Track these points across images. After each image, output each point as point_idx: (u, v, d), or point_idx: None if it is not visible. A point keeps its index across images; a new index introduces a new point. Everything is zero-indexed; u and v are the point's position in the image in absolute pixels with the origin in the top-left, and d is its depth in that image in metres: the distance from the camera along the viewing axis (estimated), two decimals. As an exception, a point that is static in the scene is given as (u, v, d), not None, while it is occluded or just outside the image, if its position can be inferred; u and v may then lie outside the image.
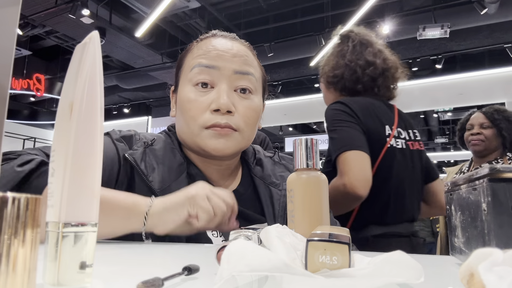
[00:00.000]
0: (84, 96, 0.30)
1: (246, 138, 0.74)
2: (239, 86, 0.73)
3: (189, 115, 0.72)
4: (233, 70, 0.72)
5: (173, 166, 0.72)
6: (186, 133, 0.74)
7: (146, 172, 0.69)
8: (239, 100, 0.73)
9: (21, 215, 0.22)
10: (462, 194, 0.42)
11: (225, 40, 0.76)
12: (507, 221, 0.33)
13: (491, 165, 0.34)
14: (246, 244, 0.27)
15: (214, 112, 0.70)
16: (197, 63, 0.73)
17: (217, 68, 0.72)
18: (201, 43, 0.77)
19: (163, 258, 0.51)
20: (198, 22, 6.61)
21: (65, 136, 0.29)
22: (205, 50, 0.74)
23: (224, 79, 0.72)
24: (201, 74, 0.72)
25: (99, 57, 0.31)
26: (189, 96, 0.72)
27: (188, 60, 0.77)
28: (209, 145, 0.70)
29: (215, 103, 0.70)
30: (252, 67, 0.76)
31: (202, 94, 0.72)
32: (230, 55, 0.73)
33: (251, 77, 0.74)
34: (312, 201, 0.46)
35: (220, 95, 0.70)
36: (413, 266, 0.27)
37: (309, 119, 10.52)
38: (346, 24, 5.21)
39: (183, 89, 0.74)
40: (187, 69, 0.75)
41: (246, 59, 0.75)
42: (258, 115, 0.77)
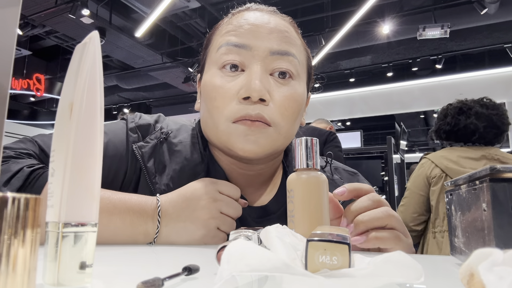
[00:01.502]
0: (84, 96, 0.30)
1: (283, 135, 0.59)
2: (276, 68, 0.59)
3: (214, 105, 0.58)
4: (268, 49, 0.58)
5: (187, 166, 0.61)
6: (210, 127, 0.61)
7: (153, 171, 0.60)
8: (275, 86, 0.59)
9: (21, 215, 0.22)
10: (462, 194, 0.42)
11: (261, 13, 0.62)
12: (507, 221, 0.33)
13: (491, 165, 0.34)
14: (246, 244, 0.27)
15: (243, 101, 0.56)
16: (224, 41, 0.60)
17: (249, 47, 0.58)
18: (232, 18, 0.64)
19: (163, 258, 0.51)
20: (198, 22, 6.61)
21: (65, 136, 0.29)
22: (236, 25, 0.61)
23: (257, 61, 0.58)
24: (229, 54, 0.59)
25: (99, 57, 0.31)
26: (214, 81, 0.59)
27: (215, 38, 0.64)
28: (237, 144, 0.57)
29: (244, 89, 0.56)
30: (293, 46, 0.61)
31: (230, 79, 0.58)
32: (266, 31, 0.59)
33: (292, 58, 0.60)
34: (312, 201, 0.46)
35: (252, 79, 0.56)
36: (413, 266, 0.27)
37: (310, 119, 10.53)
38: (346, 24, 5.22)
39: (208, 73, 0.61)
40: (214, 49, 0.62)
41: (286, 35, 0.61)
42: (300, 106, 0.61)
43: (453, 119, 1.73)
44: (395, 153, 3.63)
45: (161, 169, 0.61)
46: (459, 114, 1.73)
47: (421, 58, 6.60)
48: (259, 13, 0.63)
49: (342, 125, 11.67)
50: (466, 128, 1.69)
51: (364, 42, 6.10)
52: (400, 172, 3.70)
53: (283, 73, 0.59)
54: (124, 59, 7.24)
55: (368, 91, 7.76)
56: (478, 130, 1.67)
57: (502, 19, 5.36)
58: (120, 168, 0.62)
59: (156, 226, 0.55)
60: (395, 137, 3.88)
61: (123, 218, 0.54)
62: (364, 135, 5.53)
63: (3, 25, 0.30)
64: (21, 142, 0.61)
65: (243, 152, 0.57)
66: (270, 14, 0.63)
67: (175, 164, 0.61)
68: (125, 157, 0.62)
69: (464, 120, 1.69)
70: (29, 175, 0.53)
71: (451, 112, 1.76)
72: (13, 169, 0.53)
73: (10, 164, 0.54)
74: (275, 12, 0.66)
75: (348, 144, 5.12)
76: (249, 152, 0.57)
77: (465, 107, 1.73)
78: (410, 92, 7.59)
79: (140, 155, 0.61)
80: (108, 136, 0.63)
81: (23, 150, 0.59)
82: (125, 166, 0.62)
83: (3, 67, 0.30)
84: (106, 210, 0.53)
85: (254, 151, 0.57)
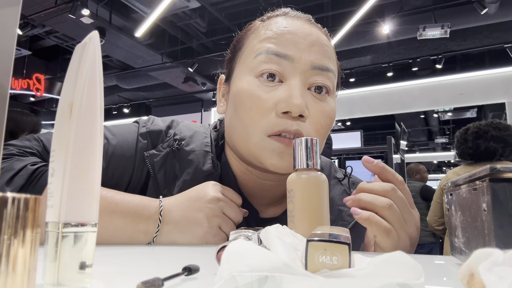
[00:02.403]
0: (84, 96, 0.30)
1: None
2: (314, 83, 0.58)
3: (249, 115, 0.56)
4: (310, 63, 0.57)
5: (198, 178, 0.60)
6: (241, 137, 0.58)
7: (163, 181, 0.60)
8: (312, 101, 0.58)
9: (21, 215, 0.22)
10: (462, 194, 0.42)
11: (301, 23, 0.61)
12: (507, 221, 0.32)
13: (491, 165, 0.34)
14: (246, 244, 0.27)
15: (282, 115, 0.55)
16: (265, 48, 0.57)
17: (291, 58, 0.56)
18: (268, 21, 0.62)
19: (163, 258, 0.51)
20: (198, 22, 6.60)
21: (65, 136, 0.29)
22: (276, 31, 0.58)
23: (297, 74, 0.56)
24: (268, 63, 0.56)
25: (99, 57, 0.31)
26: (251, 89, 0.56)
27: (251, 42, 0.61)
28: (270, 159, 0.55)
29: (285, 104, 0.54)
30: (332, 62, 0.60)
31: (268, 90, 0.56)
32: (308, 43, 0.57)
33: (331, 75, 0.59)
34: (312, 201, 0.46)
35: (293, 93, 0.54)
36: (413, 266, 0.27)
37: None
38: (346, 24, 5.22)
39: (242, 79, 0.59)
40: (250, 54, 0.60)
41: (326, 50, 0.59)
42: (333, 122, 0.61)
43: (473, 144, 2.02)
44: (395, 153, 3.63)
45: (171, 181, 0.60)
46: (477, 138, 2.01)
47: (421, 58, 6.60)
48: (298, 22, 0.61)
49: (342, 125, 11.67)
50: (487, 150, 1.97)
51: (364, 42, 6.10)
52: (400, 172, 3.70)
53: (319, 87, 0.58)
54: (124, 59, 7.24)
55: (368, 91, 7.75)
56: (497, 151, 1.94)
57: (502, 19, 5.36)
58: (125, 173, 0.62)
59: (157, 224, 0.55)
60: (395, 137, 3.88)
61: (124, 217, 0.54)
62: (364, 135, 5.53)
63: (3, 25, 0.30)
64: (27, 140, 0.61)
65: (274, 168, 0.56)
66: (310, 25, 0.62)
67: (186, 175, 0.60)
68: (132, 162, 0.61)
69: (484, 144, 1.97)
70: (32, 173, 0.52)
71: (470, 138, 2.05)
72: (16, 167, 0.52)
73: (13, 161, 0.54)
74: (313, 22, 0.64)
75: (348, 144, 5.12)
76: (281, 169, 0.56)
77: (480, 131, 2.02)
78: (410, 92, 7.59)
79: (151, 164, 0.60)
80: (117, 139, 0.63)
81: (27, 148, 0.59)
82: (131, 170, 0.61)
83: (3, 67, 0.30)
84: (107, 209, 0.53)
85: (286, 169, 0.55)
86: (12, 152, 0.56)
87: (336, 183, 0.69)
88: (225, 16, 6.68)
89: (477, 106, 9.73)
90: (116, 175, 0.61)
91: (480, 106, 9.93)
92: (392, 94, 7.76)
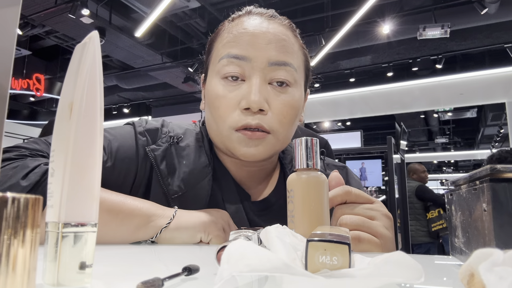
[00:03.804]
0: (84, 96, 0.30)
1: (281, 140, 0.65)
2: (274, 78, 0.63)
3: (218, 113, 0.63)
4: (267, 60, 0.62)
5: (196, 169, 0.65)
6: (215, 132, 0.66)
7: (166, 173, 0.64)
8: (274, 95, 0.63)
9: (21, 215, 0.22)
10: (462, 194, 0.42)
11: (260, 20, 0.65)
12: (507, 221, 0.32)
13: (491, 165, 0.34)
14: (246, 244, 0.27)
15: (244, 111, 0.61)
16: (226, 53, 0.63)
17: (249, 59, 0.62)
18: (232, 23, 0.67)
19: (163, 258, 0.51)
20: (198, 22, 6.60)
21: (65, 136, 0.29)
22: (235, 35, 0.64)
23: (256, 72, 0.62)
24: (229, 65, 0.62)
25: (99, 57, 0.31)
26: (217, 90, 0.63)
27: (217, 46, 0.67)
28: (238, 150, 0.62)
29: (245, 101, 0.60)
30: (291, 55, 0.64)
31: (231, 89, 0.62)
32: (264, 42, 0.62)
33: (289, 68, 0.63)
34: (312, 201, 0.46)
35: (251, 90, 0.60)
36: (413, 266, 0.27)
37: (309, 119, 10.52)
38: (346, 24, 5.22)
39: (211, 82, 0.65)
40: (215, 58, 0.66)
41: (284, 44, 0.64)
42: (297, 111, 0.66)
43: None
44: (395, 153, 3.63)
45: (172, 172, 0.64)
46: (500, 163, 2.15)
47: (421, 58, 6.60)
48: (258, 20, 0.65)
49: (342, 125, 11.67)
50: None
51: (364, 42, 6.10)
52: (400, 172, 3.70)
53: (281, 82, 0.64)
54: (124, 59, 7.24)
55: (368, 91, 7.75)
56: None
57: (502, 19, 5.36)
58: (130, 171, 0.64)
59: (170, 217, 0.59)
60: (395, 137, 3.88)
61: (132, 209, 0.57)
62: (364, 135, 5.53)
63: (3, 25, 0.30)
64: (35, 143, 0.63)
65: (244, 157, 0.63)
66: (269, 21, 0.66)
67: (185, 167, 0.65)
68: (135, 160, 0.65)
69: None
70: (45, 171, 0.54)
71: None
72: (31, 165, 0.55)
73: (27, 160, 0.56)
74: (274, 17, 0.68)
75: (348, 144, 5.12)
76: (250, 157, 0.63)
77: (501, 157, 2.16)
78: (410, 92, 7.59)
79: (153, 157, 0.64)
80: (118, 141, 0.65)
81: (37, 151, 0.61)
82: (135, 168, 0.65)
83: (3, 67, 0.30)
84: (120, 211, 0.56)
85: (254, 157, 0.63)
86: (24, 154, 0.58)
87: None
88: (225, 16, 6.68)
89: (477, 106, 9.74)
90: (122, 174, 0.64)
91: (480, 106, 9.93)
92: (392, 94, 7.77)
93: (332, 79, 8.17)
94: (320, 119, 10.70)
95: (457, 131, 12.70)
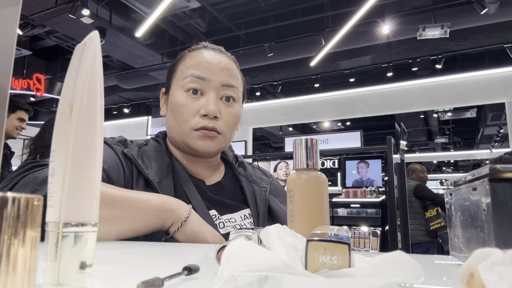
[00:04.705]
0: (84, 96, 0.30)
1: (227, 140, 0.86)
2: (224, 95, 0.85)
3: (181, 118, 0.82)
4: (220, 82, 0.84)
5: (163, 165, 0.82)
6: (177, 132, 0.84)
7: (143, 166, 0.78)
8: (223, 107, 0.84)
9: (21, 215, 0.22)
10: (462, 194, 0.42)
11: (214, 53, 0.87)
12: (507, 221, 0.33)
13: (491, 165, 0.34)
14: (246, 244, 0.27)
15: (203, 117, 0.81)
16: (190, 73, 0.83)
17: (207, 80, 0.83)
18: (193, 53, 0.87)
19: (163, 258, 0.51)
20: (198, 22, 6.60)
21: (65, 136, 0.29)
22: (197, 61, 0.84)
23: (212, 89, 0.83)
24: (192, 83, 0.83)
25: (99, 57, 0.31)
26: (181, 100, 0.82)
27: (181, 68, 0.86)
28: (196, 144, 0.82)
29: (204, 109, 0.81)
30: (236, 80, 0.87)
31: (192, 100, 0.82)
32: (218, 69, 0.84)
33: (235, 89, 0.87)
34: (312, 201, 0.46)
35: (209, 102, 0.81)
36: (413, 266, 0.27)
37: (309, 119, 10.52)
38: (346, 24, 5.22)
39: (176, 94, 0.84)
40: (180, 76, 0.85)
41: (232, 73, 0.86)
42: (238, 120, 0.89)
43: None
44: (395, 153, 3.63)
45: (147, 166, 0.79)
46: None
47: (421, 58, 6.60)
48: (213, 53, 0.87)
49: (342, 125, 11.67)
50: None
51: (364, 42, 6.10)
52: (400, 172, 3.69)
53: (228, 98, 0.85)
54: (124, 59, 7.24)
55: (368, 91, 7.75)
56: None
57: (502, 19, 5.36)
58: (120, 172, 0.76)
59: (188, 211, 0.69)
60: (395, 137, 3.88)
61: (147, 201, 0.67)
62: (364, 135, 5.53)
63: (3, 25, 0.30)
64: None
65: (201, 150, 0.82)
66: (221, 54, 0.88)
67: (155, 164, 0.81)
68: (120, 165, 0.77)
69: None
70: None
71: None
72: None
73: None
74: (224, 52, 0.90)
75: (348, 144, 5.12)
76: (205, 150, 0.82)
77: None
78: (410, 92, 7.59)
79: (131, 155, 0.79)
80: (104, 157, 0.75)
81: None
82: (122, 170, 0.77)
83: (3, 67, 0.30)
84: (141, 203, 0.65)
85: (208, 149, 0.83)
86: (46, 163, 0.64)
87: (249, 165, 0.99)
88: (225, 16, 6.68)
89: (477, 106, 9.74)
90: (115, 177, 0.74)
91: (480, 106, 9.93)
92: (392, 94, 7.76)
93: (332, 79, 8.18)
94: (320, 119, 10.70)
95: (456, 131, 12.71)
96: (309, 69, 7.12)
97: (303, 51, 6.35)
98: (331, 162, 4.60)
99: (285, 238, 0.33)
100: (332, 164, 4.60)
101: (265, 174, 0.98)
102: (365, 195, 4.20)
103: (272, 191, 0.93)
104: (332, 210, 4.28)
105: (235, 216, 0.83)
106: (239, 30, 6.78)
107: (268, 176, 0.96)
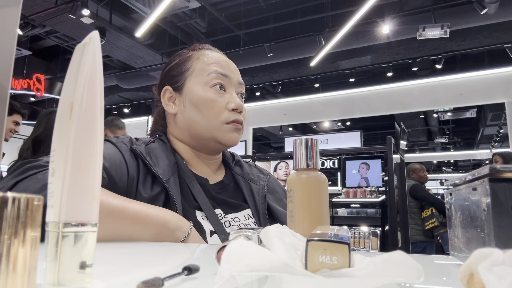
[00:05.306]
0: (84, 96, 0.30)
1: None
2: (239, 92, 0.91)
3: (211, 112, 0.84)
4: (237, 80, 0.90)
5: (170, 163, 0.82)
6: (205, 127, 0.85)
7: (152, 163, 0.77)
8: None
9: (21, 215, 0.22)
10: (462, 194, 0.42)
11: (221, 54, 0.93)
12: (507, 221, 0.33)
13: (491, 165, 0.34)
14: (246, 244, 0.27)
15: (232, 111, 0.85)
16: (213, 70, 0.86)
17: (229, 77, 0.88)
18: (204, 51, 0.91)
19: (163, 258, 0.51)
20: (198, 22, 6.60)
21: (65, 136, 0.29)
22: (216, 59, 0.89)
23: (233, 86, 0.88)
24: (217, 79, 0.86)
25: (99, 57, 0.31)
26: (210, 96, 0.85)
27: (199, 65, 0.88)
28: (228, 137, 0.85)
29: (234, 104, 0.85)
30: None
31: (220, 95, 0.86)
32: (234, 68, 0.91)
33: (244, 87, 0.94)
34: (312, 201, 0.46)
35: (235, 98, 0.86)
36: (413, 266, 0.27)
37: (309, 119, 10.52)
38: (346, 24, 5.22)
39: (198, 89, 0.86)
40: (200, 73, 0.87)
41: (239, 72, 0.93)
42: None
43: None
44: (395, 153, 3.63)
45: (155, 163, 0.79)
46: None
47: (421, 58, 6.60)
48: (221, 54, 0.92)
49: (342, 125, 11.67)
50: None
51: (364, 42, 6.10)
52: (400, 172, 3.70)
53: (241, 95, 0.91)
54: (124, 59, 7.24)
55: (368, 91, 7.75)
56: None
57: (502, 19, 5.36)
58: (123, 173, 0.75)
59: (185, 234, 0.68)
60: (395, 137, 3.88)
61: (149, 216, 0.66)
62: (364, 135, 5.53)
63: (4, 25, 0.30)
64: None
65: (231, 142, 0.86)
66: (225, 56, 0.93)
67: (162, 161, 0.81)
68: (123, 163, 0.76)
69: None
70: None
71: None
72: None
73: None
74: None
75: (348, 144, 5.12)
76: (235, 142, 0.87)
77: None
78: (410, 92, 7.59)
79: (140, 152, 0.79)
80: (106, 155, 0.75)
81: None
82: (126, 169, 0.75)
83: (4, 67, 0.30)
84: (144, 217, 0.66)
85: (235, 142, 0.87)
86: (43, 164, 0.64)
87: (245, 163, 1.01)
88: (225, 16, 6.68)
89: (477, 106, 9.73)
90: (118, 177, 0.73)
91: (479, 106, 9.93)
92: (392, 94, 7.76)
93: (332, 79, 8.17)
94: (320, 119, 10.69)
95: (456, 131, 12.70)
96: (309, 69, 7.12)
97: (303, 51, 6.35)
98: (331, 162, 4.60)
99: (285, 238, 0.33)
100: (332, 164, 4.60)
101: (262, 172, 0.99)
102: (365, 195, 4.20)
103: (269, 189, 0.94)
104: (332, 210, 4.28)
105: (239, 216, 0.83)
106: (239, 30, 6.78)
107: (265, 174, 0.98)
